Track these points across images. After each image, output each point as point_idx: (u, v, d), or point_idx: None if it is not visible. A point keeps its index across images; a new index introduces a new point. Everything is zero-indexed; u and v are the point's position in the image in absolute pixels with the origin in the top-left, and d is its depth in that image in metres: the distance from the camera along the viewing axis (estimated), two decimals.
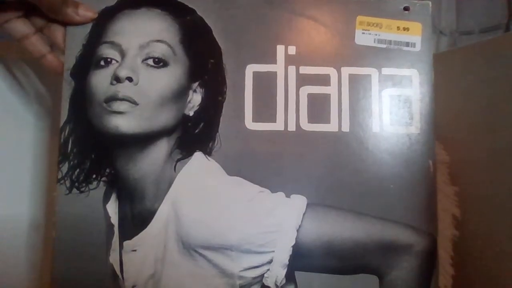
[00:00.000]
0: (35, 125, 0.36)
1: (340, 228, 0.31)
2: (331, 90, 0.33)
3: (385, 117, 0.33)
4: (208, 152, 0.31)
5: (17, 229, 0.33)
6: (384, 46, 0.34)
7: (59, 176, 0.30)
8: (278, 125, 0.32)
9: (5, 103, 0.35)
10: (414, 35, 0.34)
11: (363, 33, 0.34)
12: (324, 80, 0.33)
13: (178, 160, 0.30)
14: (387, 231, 0.31)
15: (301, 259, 0.30)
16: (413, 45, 0.34)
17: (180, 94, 0.31)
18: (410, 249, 0.31)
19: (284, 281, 0.30)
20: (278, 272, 0.29)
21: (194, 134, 0.31)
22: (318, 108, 0.32)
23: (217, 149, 0.31)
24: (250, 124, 0.32)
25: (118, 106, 0.29)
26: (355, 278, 0.31)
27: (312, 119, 0.32)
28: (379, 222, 0.31)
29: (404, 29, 0.34)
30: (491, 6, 0.57)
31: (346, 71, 0.33)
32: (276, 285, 0.30)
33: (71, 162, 0.30)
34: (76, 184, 0.30)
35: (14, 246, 0.32)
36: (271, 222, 0.30)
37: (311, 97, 0.33)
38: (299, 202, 0.30)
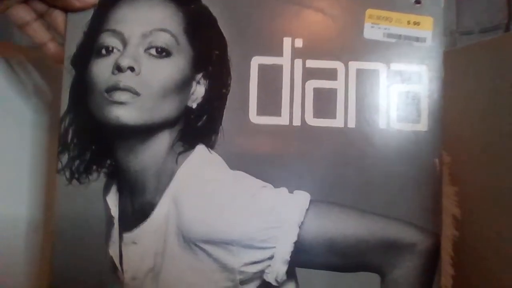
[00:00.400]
0: (34, 122, 0.33)
1: (343, 226, 0.28)
2: (337, 84, 0.30)
3: (392, 114, 0.31)
4: (210, 146, 0.28)
5: (16, 229, 0.30)
6: (393, 40, 0.31)
7: (59, 167, 0.28)
8: (283, 120, 0.29)
9: (2, 99, 0.32)
10: (425, 29, 0.32)
11: (372, 26, 0.31)
12: (330, 74, 0.29)
13: (180, 153, 0.28)
14: (391, 229, 0.28)
15: (303, 255, 0.27)
16: (424, 40, 0.31)
17: (183, 86, 0.28)
18: (413, 248, 0.29)
19: (284, 278, 0.27)
20: (279, 268, 0.27)
21: (196, 127, 0.28)
22: (324, 103, 0.29)
23: (220, 142, 0.28)
24: (254, 117, 0.29)
25: (119, 96, 0.27)
26: (356, 275, 0.28)
27: (317, 114, 0.29)
28: (382, 220, 0.28)
29: (415, 23, 0.32)
30: (491, 6, 0.54)
31: (353, 65, 0.30)
32: (276, 281, 0.27)
33: (71, 153, 0.28)
34: (76, 175, 0.28)
35: (13, 246, 0.30)
36: (273, 218, 0.27)
37: (317, 92, 0.30)
38: (302, 198, 0.28)
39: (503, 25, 0.53)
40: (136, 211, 0.28)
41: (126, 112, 0.27)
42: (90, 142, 0.28)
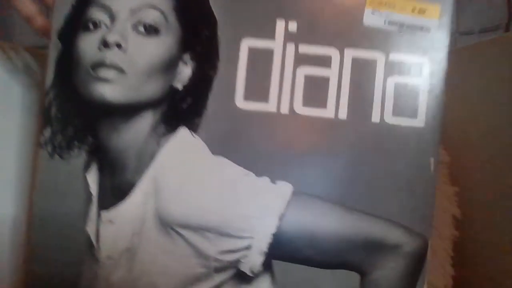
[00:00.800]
0: (23, 104, 0.30)
1: (325, 221, 0.25)
2: (331, 72, 0.26)
3: (387, 107, 0.27)
4: (193, 129, 0.26)
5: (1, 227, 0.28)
6: (395, 29, 0.28)
7: (42, 141, 0.26)
8: (271, 106, 0.26)
9: None
10: (431, 18, 0.28)
11: (373, 13, 0.28)
12: (324, 61, 0.26)
13: (162, 134, 0.26)
14: (376, 228, 0.25)
15: (281, 248, 0.25)
16: (428, 29, 0.28)
17: (170, 65, 0.26)
18: (397, 250, 0.25)
19: (260, 269, 0.25)
20: (255, 259, 0.25)
21: (180, 109, 0.26)
22: (315, 91, 0.26)
23: (203, 126, 0.26)
24: (240, 102, 0.26)
25: (104, 73, 0.25)
26: (335, 272, 0.25)
27: (307, 102, 0.26)
28: (368, 219, 0.25)
29: (420, 11, 0.28)
30: (491, 6, 0.52)
31: (349, 53, 0.26)
32: (252, 272, 0.25)
33: (54, 127, 0.26)
34: (58, 150, 0.26)
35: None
36: (253, 207, 0.25)
37: (309, 79, 0.26)
38: (284, 189, 0.25)
39: (503, 25, 0.51)
40: (115, 190, 0.27)
41: (110, 90, 0.26)
42: (74, 117, 0.27)
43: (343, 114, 0.27)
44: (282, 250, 0.25)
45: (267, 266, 0.26)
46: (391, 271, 0.25)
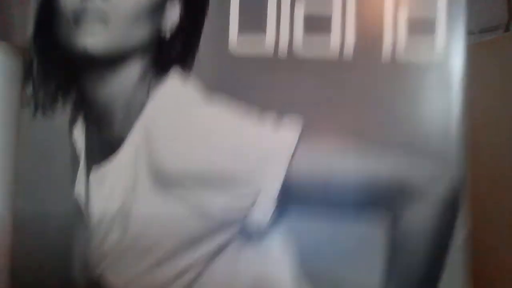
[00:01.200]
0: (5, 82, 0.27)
1: (342, 161, 0.22)
2: (334, 5, 0.24)
3: (399, 44, 0.25)
4: (185, 75, 0.23)
5: None
6: None
7: (24, 99, 0.24)
8: (267, 49, 0.24)
9: None
10: None
11: None
12: None
13: (152, 83, 0.23)
14: (402, 168, 0.22)
15: (292, 198, 0.22)
16: None
17: (155, 10, 0.23)
18: (426, 192, 0.22)
19: (267, 227, 0.22)
20: (261, 216, 0.22)
21: (170, 55, 0.23)
22: (316, 29, 0.23)
23: (195, 71, 0.23)
24: (234, 46, 0.23)
25: (87, 23, 0.23)
26: (356, 227, 0.23)
27: (308, 42, 0.23)
28: (392, 157, 0.22)
29: None
30: (491, 6, 0.50)
31: None
32: (258, 230, 0.22)
33: (36, 83, 0.24)
34: (41, 107, 0.24)
35: None
36: (257, 155, 0.22)
37: (309, 15, 0.23)
38: (291, 131, 0.22)
39: (503, 25, 0.49)
40: (103, 147, 0.24)
41: (93, 40, 0.23)
42: (56, 71, 0.24)
43: (348, 53, 0.24)
44: (293, 201, 0.22)
45: (277, 222, 0.22)
46: (421, 217, 0.22)
